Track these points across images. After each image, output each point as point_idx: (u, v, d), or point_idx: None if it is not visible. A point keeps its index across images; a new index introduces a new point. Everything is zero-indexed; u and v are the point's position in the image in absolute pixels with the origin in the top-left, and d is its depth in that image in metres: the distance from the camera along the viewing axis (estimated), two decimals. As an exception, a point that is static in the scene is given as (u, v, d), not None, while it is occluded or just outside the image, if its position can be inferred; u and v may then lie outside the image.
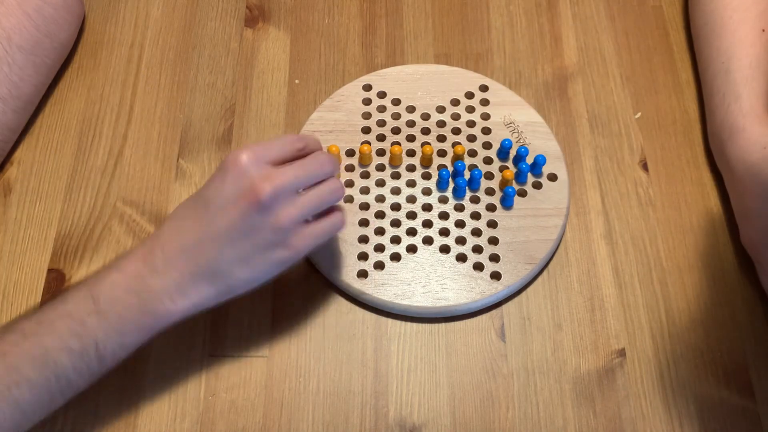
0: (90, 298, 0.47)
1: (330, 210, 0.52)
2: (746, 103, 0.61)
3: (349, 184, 0.63)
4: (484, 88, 0.68)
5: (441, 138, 0.65)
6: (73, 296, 0.48)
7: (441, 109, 0.67)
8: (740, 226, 0.60)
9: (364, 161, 0.64)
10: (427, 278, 0.59)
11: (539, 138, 0.65)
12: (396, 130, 0.66)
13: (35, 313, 0.48)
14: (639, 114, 0.68)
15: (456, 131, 0.66)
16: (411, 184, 0.63)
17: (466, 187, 0.62)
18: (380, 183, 0.63)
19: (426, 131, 0.66)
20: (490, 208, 0.62)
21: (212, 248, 0.48)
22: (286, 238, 0.49)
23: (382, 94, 0.68)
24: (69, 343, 0.46)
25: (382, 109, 0.67)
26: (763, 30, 0.64)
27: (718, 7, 0.66)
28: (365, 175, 0.64)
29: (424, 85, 0.68)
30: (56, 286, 0.60)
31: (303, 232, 0.50)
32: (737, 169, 0.60)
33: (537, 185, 0.63)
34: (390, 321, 0.59)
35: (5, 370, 0.45)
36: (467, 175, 0.63)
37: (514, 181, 0.62)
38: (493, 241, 0.60)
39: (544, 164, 0.63)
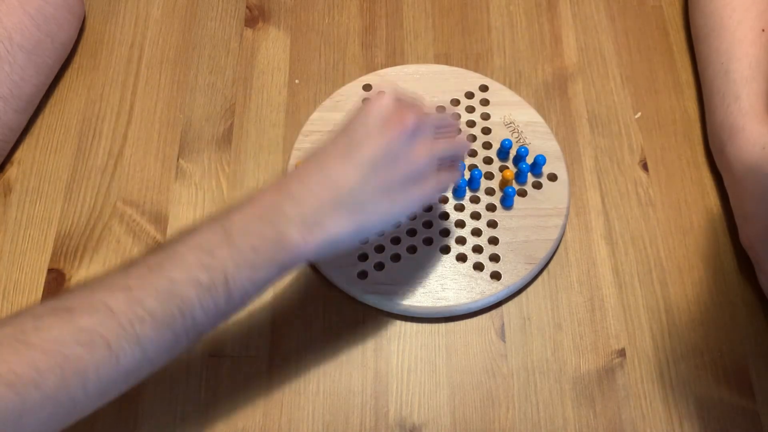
0: (221, 229, 0.45)
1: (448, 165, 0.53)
2: (746, 103, 0.61)
3: (349, 184, 0.63)
4: (484, 88, 0.68)
5: (441, 138, 0.65)
6: (203, 229, 0.45)
7: (441, 109, 0.67)
8: (739, 226, 0.60)
9: (364, 161, 0.64)
10: (427, 278, 0.59)
11: (539, 138, 0.65)
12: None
13: (162, 248, 0.45)
14: (639, 114, 0.68)
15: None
16: (411, 184, 0.63)
17: (466, 187, 0.62)
18: (380, 183, 0.63)
19: (426, 131, 0.66)
20: (490, 208, 0.62)
21: (354, 176, 0.47)
22: (423, 174, 0.49)
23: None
24: (197, 275, 0.43)
25: (382, 109, 0.67)
26: (763, 30, 0.64)
27: (718, 8, 0.66)
28: (365, 175, 0.64)
29: (424, 85, 0.68)
30: (56, 285, 0.60)
31: (437, 174, 0.51)
32: (737, 169, 0.60)
33: (537, 185, 0.63)
34: (390, 321, 0.59)
35: (128, 305, 0.42)
36: (467, 175, 0.63)
37: (514, 181, 0.63)
38: (493, 241, 0.60)
39: (544, 164, 0.63)
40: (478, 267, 0.59)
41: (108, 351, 0.41)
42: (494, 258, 0.60)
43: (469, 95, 0.68)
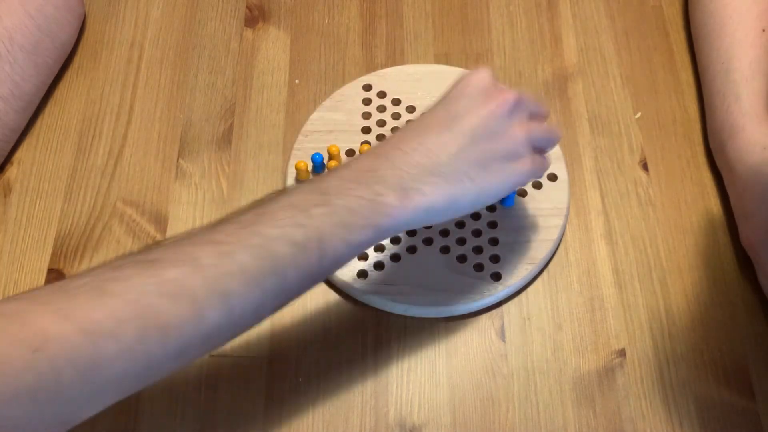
0: (317, 190, 0.44)
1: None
2: (746, 103, 0.61)
3: (349, 184, 0.63)
4: (484, 88, 0.68)
5: (441, 138, 0.65)
6: (298, 189, 0.44)
7: (441, 109, 0.67)
8: (740, 226, 0.60)
9: (364, 161, 0.64)
10: (427, 278, 0.59)
11: (539, 138, 0.65)
12: (396, 131, 0.66)
13: (254, 206, 0.43)
14: (639, 114, 0.68)
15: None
16: (411, 184, 0.63)
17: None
18: (380, 183, 0.63)
19: (426, 131, 0.66)
20: (490, 208, 0.62)
21: (454, 145, 0.47)
22: (520, 153, 0.49)
23: (382, 94, 0.68)
24: (291, 232, 0.41)
25: (382, 109, 0.67)
26: (764, 30, 0.64)
27: (718, 8, 0.66)
28: (365, 175, 0.64)
29: (424, 85, 0.68)
30: (56, 286, 0.60)
31: (533, 156, 0.50)
32: (737, 169, 0.60)
33: (537, 185, 0.63)
34: (390, 321, 0.59)
35: (218, 258, 0.40)
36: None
37: (514, 181, 0.62)
38: (493, 241, 0.60)
39: (544, 164, 0.63)
40: (479, 267, 0.59)
41: (193, 306, 0.39)
42: (494, 258, 0.60)
43: (469, 95, 0.68)
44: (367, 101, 0.67)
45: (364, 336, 0.58)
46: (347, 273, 0.59)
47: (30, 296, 0.38)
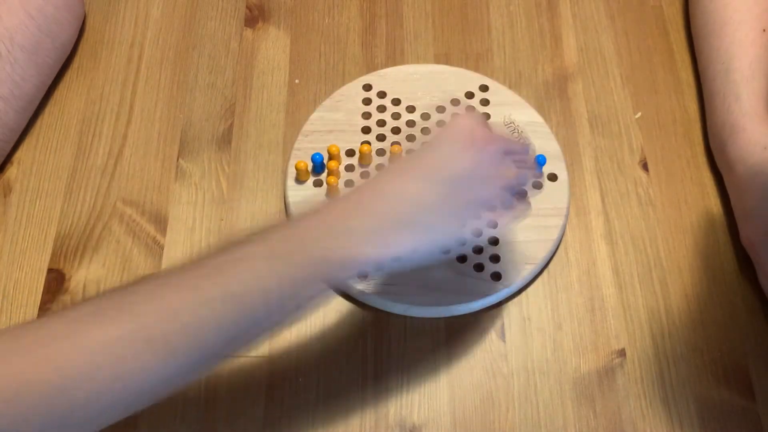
0: (292, 235, 0.45)
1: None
2: (747, 103, 0.61)
3: (349, 184, 0.63)
4: (484, 88, 0.68)
5: (441, 138, 0.65)
6: (270, 235, 0.45)
7: (441, 109, 0.67)
8: (740, 226, 0.60)
9: (364, 161, 0.64)
10: (427, 278, 0.59)
11: (539, 138, 0.65)
12: (396, 130, 0.66)
13: (230, 249, 0.44)
14: (639, 114, 0.68)
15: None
16: (411, 184, 0.63)
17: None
18: (380, 183, 0.63)
19: (426, 131, 0.66)
20: (490, 208, 0.62)
21: (433, 195, 0.46)
22: (498, 205, 0.49)
23: (382, 94, 0.68)
24: (265, 284, 0.43)
25: (382, 109, 0.67)
26: (764, 30, 0.64)
27: (719, 8, 0.66)
28: (365, 176, 0.64)
29: (424, 85, 0.68)
30: (56, 285, 0.60)
31: (512, 204, 0.51)
32: (737, 169, 0.60)
33: (537, 185, 0.63)
34: (390, 321, 0.59)
35: (196, 307, 0.41)
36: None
37: (514, 181, 0.62)
38: (494, 241, 0.60)
39: (544, 164, 0.63)
40: (479, 267, 0.59)
41: (165, 350, 0.41)
42: (494, 258, 0.60)
43: (469, 95, 0.68)
44: (367, 101, 0.67)
45: (364, 336, 0.58)
46: (347, 273, 0.59)
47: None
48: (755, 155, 0.58)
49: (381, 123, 0.66)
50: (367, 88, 0.68)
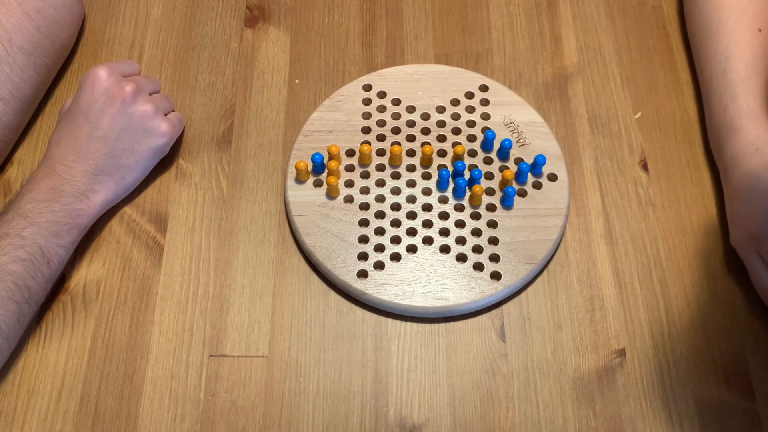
0: (18, 216, 0.55)
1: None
2: (743, 103, 0.61)
3: (349, 184, 0.63)
4: (484, 88, 0.68)
5: (441, 138, 0.66)
6: (1, 222, 0.55)
7: (441, 109, 0.67)
8: (730, 227, 0.60)
9: (364, 161, 0.64)
10: (427, 278, 0.59)
11: (539, 138, 0.65)
12: (396, 130, 0.66)
13: None
14: (639, 114, 0.68)
15: (456, 131, 0.66)
16: (411, 184, 0.63)
17: (466, 187, 0.62)
18: (380, 183, 0.63)
19: (426, 131, 0.66)
20: (490, 208, 0.62)
21: (105, 147, 0.59)
22: (155, 125, 0.61)
23: (382, 94, 0.68)
24: (17, 254, 0.54)
25: (382, 109, 0.67)
26: (760, 30, 0.64)
27: (715, 8, 0.66)
28: (365, 175, 0.64)
29: (424, 85, 0.68)
30: (56, 285, 0.60)
31: (166, 119, 0.62)
32: (731, 170, 0.60)
33: (537, 185, 0.63)
34: (390, 321, 0.59)
35: None
36: (467, 175, 0.63)
37: (514, 181, 0.63)
38: (493, 241, 0.60)
39: (544, 164, 0.63)
40: (478, 267, 0.59)
41: None
42: (494, 258, 0.60)
43: (469, 95, 0.68)
44: (367, 101, 0.67)
45: (364, 336, 0.58)
46: (347, 273, 0.59)
47: None
48: (747, 156, 0.58)
49: (381, 123, 0.66)
50: (367, 88, 0.68)
